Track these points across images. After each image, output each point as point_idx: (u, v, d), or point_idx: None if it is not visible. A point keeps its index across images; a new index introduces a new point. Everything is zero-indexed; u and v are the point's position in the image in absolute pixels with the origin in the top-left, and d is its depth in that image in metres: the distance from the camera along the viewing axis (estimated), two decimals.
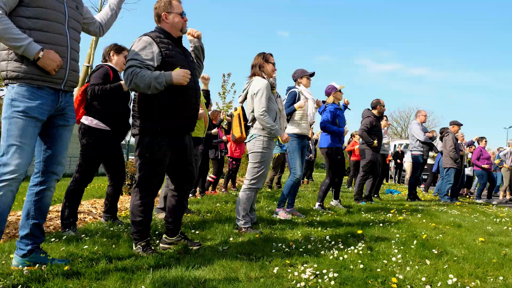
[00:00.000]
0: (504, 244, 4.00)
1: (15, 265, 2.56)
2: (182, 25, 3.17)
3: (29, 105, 2.43)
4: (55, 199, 6.17)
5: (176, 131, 3.13)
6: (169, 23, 3.12)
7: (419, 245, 3.65)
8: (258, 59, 4.37)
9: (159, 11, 3.13)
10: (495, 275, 2.89)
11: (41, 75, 2.47)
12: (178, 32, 3.18)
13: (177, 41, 3.18)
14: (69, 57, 2.61)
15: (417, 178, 9.08)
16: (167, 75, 2.88)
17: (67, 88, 2.66)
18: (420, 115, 9.11)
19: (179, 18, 3.13)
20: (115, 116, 3.90)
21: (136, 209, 3.05)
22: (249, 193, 4.22)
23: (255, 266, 2.80)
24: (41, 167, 2.63)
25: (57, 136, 2.66)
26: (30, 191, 2.63)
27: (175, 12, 3.12)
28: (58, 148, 2.66)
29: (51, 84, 2.54)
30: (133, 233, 3.09)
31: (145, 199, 3.05)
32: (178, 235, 3.35)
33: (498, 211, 7.34)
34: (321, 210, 6.01)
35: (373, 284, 2.54)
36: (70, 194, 3.82)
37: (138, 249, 3.03)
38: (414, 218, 5.58)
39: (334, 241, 3.66)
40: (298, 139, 5.31)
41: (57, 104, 2.60)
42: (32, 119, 2.45)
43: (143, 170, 3.04)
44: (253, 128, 4.32)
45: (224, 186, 9.21)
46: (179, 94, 3.05)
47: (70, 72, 2.63)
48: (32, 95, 2.45)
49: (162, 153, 3.05)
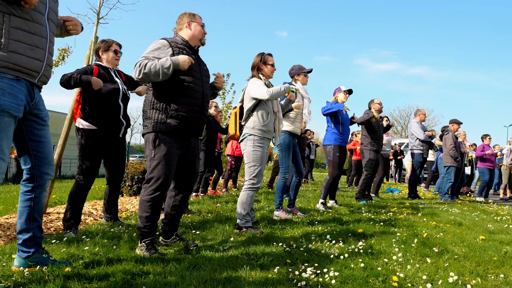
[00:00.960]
0: (505, 242, 4.00)
1: (16, 266, 2.56)
2: (202, 36, 3.36)
3: (9, 102, 2.28)
4: (56, 200, 6.18)
5: (181, 132, 3.17)
6: (192, 30, 3.31)
7: (420, 244, 3.65)
8: (256, 60, 4.39)
9: (183, 20, 3.33)
10: (496, 273, 2.89)
11: (19, 64, 2.30)
12: (197, 42, 3.36)
13: (193, 49, 3.33)
14: (47, 50, 2.47)
15: (417, 176, 9.08)
16: (173, 59, 3.00)
17: (40, 83, 2.51)
18: (419, 113, 9.12)
19: (200, 28, 3.33)
20: (102, 114, 3.86)
21: (145, 204, 3.09)
22: (250, 193, 4.22)
23: (256, 265, 2.80)
24: (34, 171, 2.56)
25: (40, 137, 2.58)
26: (27, 196, 2.57)
27: (197, 22, 3.33)
28: (45, 149, 2.60)
29: (27, 76, 2.37)
30: (139, 228, 3.12)
31: (153, 195, 3.09)
32: (174, 236, 3.41)
33: (498, 209, 7.33)
34: (322, 209, 6.02)
35: (374, 282, 2.55)
36: (74, 196, 3.82)
37: (142, 247, 3.05)
38: (415, 217, 5.58)
39: (334, 240, 3.67)
40: (290, 137, 5.29)
41: (32, 101, 2.47)
42: (12, 118, 2.32)
43: (152, 166, 3.10)
44: (244, 127, 4.34)
45: (224, 186, 9.21)
46: (184, 96, 3.13)
47: (46, 67, 2.49)
48: (12, 89, 2.30)
49: (168, 149, 3.10)
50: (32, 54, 2.37)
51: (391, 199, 8.81)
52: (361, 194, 7.60)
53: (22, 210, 2.58)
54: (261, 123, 4.24)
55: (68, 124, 4.63)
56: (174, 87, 3.11)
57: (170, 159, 3.12)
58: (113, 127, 3.97)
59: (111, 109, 3.92)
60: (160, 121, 3.10)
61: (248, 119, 4.30)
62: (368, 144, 7.54)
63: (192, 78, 3.17)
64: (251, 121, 4.27)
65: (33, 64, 2.39)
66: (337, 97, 6.49)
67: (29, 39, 2.35)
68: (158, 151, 3.09)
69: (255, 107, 4.27)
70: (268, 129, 4.30)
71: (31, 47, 2.36)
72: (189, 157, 3.32)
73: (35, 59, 2.39)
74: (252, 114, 4.28)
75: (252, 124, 4.25)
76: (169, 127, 3.09)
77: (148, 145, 3.14)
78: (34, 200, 2.58)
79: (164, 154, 3.09)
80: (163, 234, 3.42)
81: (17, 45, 2.29)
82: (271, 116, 4.35)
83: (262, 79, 4.31)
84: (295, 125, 5.28)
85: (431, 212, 6.23)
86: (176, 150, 3.16)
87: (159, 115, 3.11)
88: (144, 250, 3.03)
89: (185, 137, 3.24)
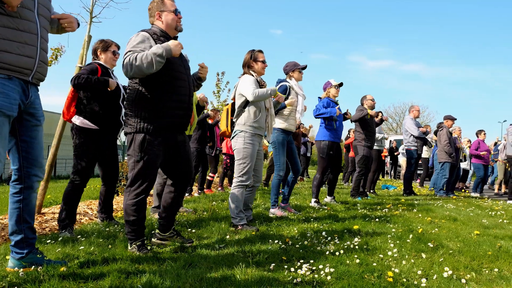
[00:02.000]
0: (499, 237, 4.03)
1: (11, 266, 2.54)
2: (177, 23, 3.19)
3: (2, 101, 2.25)
4: (51, 201, 6.15)
5: (169, 130, 3.12)
6: (163, 21, 3.15)
7: (415, 239, 3.67)
8: (247, 57, 4.39)
9: (152, 11, 3.17)
10: (490, 267, 2.91)
11: (8, 63, 2.27)
12: (174, 31, 3.21)
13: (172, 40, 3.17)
14: (39, 47, 2.43)
15: (412, 173, 9.12)
16: (164, 45, 2.89)
17: (35, 81, 2.48)
18: (413, 110, 9.15)
19: (172, 16, 3.16)
20: (104, 114, 3.84)
21: (130, 208, 3.04)
22: (239, 190, 4.22)
23: (252, 263, 2.80)
24: (22, 173, 2.52)
25: (32, 138, 2.54)
26: (15, 198, 2.53)
27: (168, 10, 3.15)
28: (36, 151, 2.56)
29: (19, 74, 2.34)
30: (128, 233, 3.08)
31: (138, 198, 3.04)
32: (171, 231, 3.37)
33: (493, 205, 7.38)
34: (317, 206, 6.03)
35: (369, 278, 2.56)
36: (68, 196, 3.79)
37: (134, 248, 3.03)
38: (410, 213, 5.60)
39: (330, 237, 3.68)
40: (284, 134, 5.27)
41: (27, 99, 2.44)
42: (5, 117, 2.29)
43: (136, 169, 3.03)
44: (236, 124, 4.34)
45: (219, 185, 9.20)
46: (171, 92, 3.06)
47: (39, 63, 2.44)
48: (4, 88, 2.27)
49: (154, 152, 3.04)
50: (22, 51, 2.34)
51: (387, 195, 8.85)
52: (355, 190, 7.62)
53: (12, 212, 2.54)
54: (253, 120, 4.23)
55: (62, 124, 4.61)
56: (161, 83, 3.03)
57: (156, 163, 3.07)
58: (113, 128, 3.97)
59: (112, 111, 3.91)
60: (149, 120, 3.01)
61: (240, 116, 4.29)
62: (362, 140, 7.55)
63: (178, 73, 3.11)
64: (242, 118, 4.27)
65: (24, 61, 2.35)
66: (329, 92, 6.38)
67: (17, 37, 2.32)
68: (145, 154, 3.01)
69: (247, 104, 4.27)
70: (259, 125, 4.30)
71: (21, 45, 2.33)
72: (180, 151, 3.25)
73: (26, 56, 2.36)
74: (243, 110, 4.27)
75: (244, 120, 4.25)
76: (158, 127, 3.03)
77: (133, 146, 3.04)
78: (23, 201, 2.54)
79: (150, 158, 3.02)
80: (160, 227, 3.36)
81: (6, 44, 2.27)
82: (263, 112, 4.35)
83: (254, 76, 4.31)
84: (289, 122, 5.25)
85: (426, 208, 6.26)
86: (160, 149, 3.08)
87: (146, 113, 3.01)
88: (136, 251, 3.01)
89: (171, 133, 3.16)
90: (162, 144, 3.08)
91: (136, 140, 3.03)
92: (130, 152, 3.06)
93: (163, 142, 3.08)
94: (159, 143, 3.05)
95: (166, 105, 3.05)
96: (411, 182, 9.07)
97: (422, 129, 9.06)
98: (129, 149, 3.08)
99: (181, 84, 3.12)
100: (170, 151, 3.18)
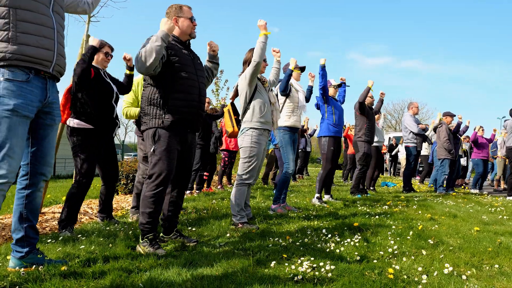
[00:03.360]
0: (499, 233, 4.04)
1: (12, 266, 2.55)
2: (191, 30, 3.33)
3: (18, 102, 2.32)
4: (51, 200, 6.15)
5: (180, 124, 3.18)
6: (180, 27, 3.29)
7: (415, 236, 3.67)
8: (248, 55, 4.39)
9: (170, 15, 3.28)
10: (490, 263, 2.91)
11: (29, 55, 2.35)
12: (187, 36, 3.34)
13: (184, 44, 3.32)
14: (56, 40, 2.51)
15: (412, 170, 9.12)
16: (158, 31, 2.99)
17: (55, 73, 2.54)
18: (412, 107, 9.15)
19: (188, 23, 3.30)
20: (97, 114, 3.83)
21: (147, 200, 3.09)
22: (241, 188, 4.23)
23: (253, 260, 2.80)
24: (29, 169, 2.55)
25: (44, 136, 2.58)
26: (20, 194, 2.56)
27: (185, 17, 3.28)
28: (45, 149, 2.59)
29: (40, 66, 2.42)
30: (141, 224, 3.11)
31: (156, 190, 3.09)
32: (174, 232, 3.42)
33: (493, 201, 7.39)
34: (318, 203, 6.03)
35: (370, 275, 2.56)
36: (73, 196, 3.79)
37: (145, 243, 3.05)
38: (410, 210, 5.60)
39: (330, 234, 3.68)
40: (290, 133, 5.30)
41: (45, 99, 2.51)
42: (22, 117, 2.35)
43: (152, 161, 3.11)
44: (242, 122, 4.34)
45: (219, 183, 9.19)
46: (181, 91, 3.15)
47: (58, 56, 2.52)
48: (21, 91, 2.34)
49: (167, 143, 3.11)
50: (41, 44, 2.42)
51: (386, 192, 8.85)
52: (355, 188, 7.63)
53: (16, 209, 2.57)
54: (259, 115, 4.25)
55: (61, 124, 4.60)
56: (171, 83, 3.12)
57: (170, 154, 3.13)
58: (107, 127, 3.96)
59: (105, 110, 3.91)
60: (159, 116, 3.11)
61: (246, 113, 4.30)
62: (363, 135, 7.54)
63: (187, 73, 3.18)
64: (248, 115, 4.28)
65: (44, 53, 2.43)
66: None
67: (36, 30, 2.40)
68: (158, 146, 3.10)
69: (251, 99, 4.27)
70: (266, 120, 4.31)
71: (39, 38, 2.41)
72: (186, 153, 3.34)
73: (45, 48, 2.44)
74: (249, 106, 4.29)
75: (250, 117, 4.26)
76: (167, 122, 3.10)
77: (148, 141, 3.16)
78: (26, 198, 2.56)
79: (164, 148, 3.10)
80: (163, 231, 3.44)
81: (26, 37, 2.36)
82: (268, 107, 4.36)
83: None
84: (293, 119, 5.28)
85: (426, 204, 6.26)
86: (176, 145, 3.17)
87: (157, 111, 3.12)
88: (148, 245, 3.02)
89: (183, 132, 3.25)
90: (175, 137, 3.16)
91: (149, 134, 3.15)
92: (147, 148, 3.17)
93: (175, 136, 3.16)
94: (171, 136, 3.13)
95: (175, 104, 3.13)
96: (410, 179, 9.06)
97: (422, 125, 9.06)
98: (147, 146, 3.19)
99: (190, 83, 3.20)
100: (178, 148, 3.23)
